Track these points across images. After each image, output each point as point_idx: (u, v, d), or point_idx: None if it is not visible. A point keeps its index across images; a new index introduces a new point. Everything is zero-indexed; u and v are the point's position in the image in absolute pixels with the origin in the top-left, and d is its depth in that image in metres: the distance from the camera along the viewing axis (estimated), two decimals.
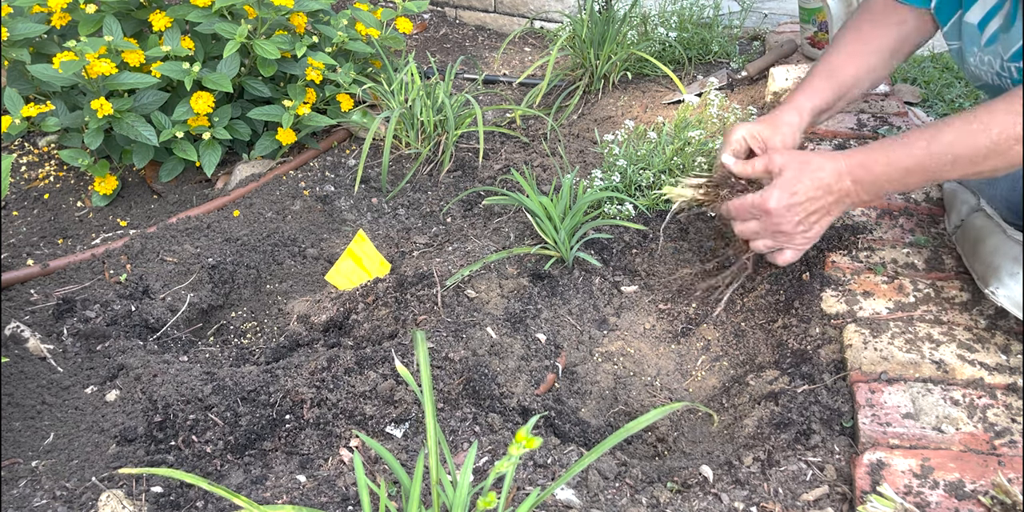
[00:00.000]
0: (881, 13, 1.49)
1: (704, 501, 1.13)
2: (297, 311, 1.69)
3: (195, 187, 2.09)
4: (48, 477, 1.20)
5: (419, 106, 2.00)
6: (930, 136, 1.19)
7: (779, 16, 2.87)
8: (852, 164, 1.25)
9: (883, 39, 1.48)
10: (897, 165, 1.22)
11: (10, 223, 1.99)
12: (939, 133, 1.18)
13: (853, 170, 1.25)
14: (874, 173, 1.24)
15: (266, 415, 1.30)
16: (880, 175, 1.23)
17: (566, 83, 2.41)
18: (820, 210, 1.29)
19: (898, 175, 1.22)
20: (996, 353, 1.29)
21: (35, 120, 1.86)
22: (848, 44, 1.50)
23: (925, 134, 1.20)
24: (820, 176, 1.26)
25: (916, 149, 1.20)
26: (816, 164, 1.27)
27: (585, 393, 1.47)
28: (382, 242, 1.86)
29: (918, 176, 1.21)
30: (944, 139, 1.18)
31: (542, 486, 1.13)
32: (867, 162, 1.24)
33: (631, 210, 1.72)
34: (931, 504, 1.06)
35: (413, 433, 1.27)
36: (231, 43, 1.86)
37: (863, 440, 1.18)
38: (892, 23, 1.47)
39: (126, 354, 1.47)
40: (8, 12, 1.84)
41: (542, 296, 1.58)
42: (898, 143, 1.23)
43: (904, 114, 2.01)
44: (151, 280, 1.68)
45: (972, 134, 1.15)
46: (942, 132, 1.18)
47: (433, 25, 3.10)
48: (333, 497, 1.12)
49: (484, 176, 2.02)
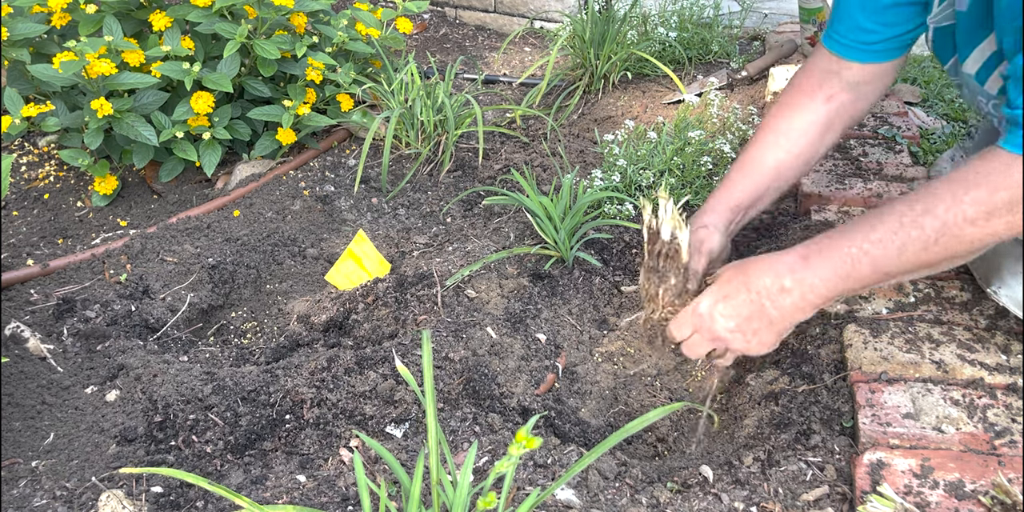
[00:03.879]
0: (806, 85, 1.35)
1: (704, 501, 1.13)
2: (297, 311, 1.69)
3: (195, 187, 2.09)
4: (48, 477, 1.20)
5: (419, 106, 2.00)
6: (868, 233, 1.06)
7: (779, 16, 2.87)
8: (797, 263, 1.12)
9: (807, 117, 1.34)
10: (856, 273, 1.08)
11: (10, 223, 1.99)
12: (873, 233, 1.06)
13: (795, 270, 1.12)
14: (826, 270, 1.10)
15: (266, 415, 1.30)
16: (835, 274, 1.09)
17: (566, 83, 2.41)
18: (759, 317, 1.16)
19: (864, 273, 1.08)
20: (996, 353, 1.29)
21: (35, 120, 1.85)
22: (765, 130, 1.37)
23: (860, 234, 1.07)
24: (758, 281, 1.14)
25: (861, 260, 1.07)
26: (754, 268, 1.16)
27: (585, 393, 1.47)
28: (382, 242, 1.86)
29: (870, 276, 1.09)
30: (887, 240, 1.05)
31: (542, 486, 1.13)
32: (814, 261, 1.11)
33: (631, 210, 1.72)
34: (931, 504, 1.06)
35: (413, 433, 1.27)
36: (231, 43, 1.86)
37: (863, 440, 1.18)
38: (819, 98, 1.34)
39: (126, 354, 1.47)
40: (8, 12, 1.84)
41: (542, 296, 1.58)
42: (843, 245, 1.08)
43: (904, 114, 2.01)
44: (151, 280, 1.68)
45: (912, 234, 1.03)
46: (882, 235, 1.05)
47: (433, 25, 3.10)
48: (333, 497, 1.12)
49: (484, 176, 2.02)
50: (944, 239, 1.02)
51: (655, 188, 1.78)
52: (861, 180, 1.73)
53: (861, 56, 1.30)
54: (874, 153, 1.84)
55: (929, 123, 2.01)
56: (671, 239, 1.30)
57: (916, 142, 1.90)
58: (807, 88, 1.36)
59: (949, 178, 1.03)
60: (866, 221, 1.08)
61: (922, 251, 1.03)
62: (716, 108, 1.94)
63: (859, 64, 1.31)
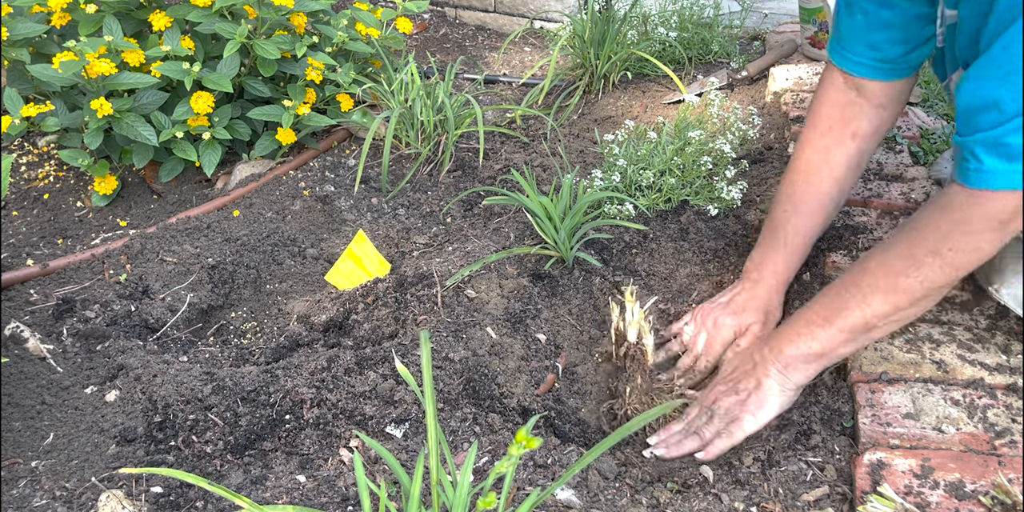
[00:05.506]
0: (827, 128, 1.38)
1: (704, 501, 1.13)
2: (297, 311, 1.69)
3: (195, 187, 2.08)
4: (48, 477, 1.20)
5: (419, 106, 2.00)
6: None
7: (779, 16, 2.87)
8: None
9: (834, 164, 1.39)
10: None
11: (10, 223, 1.99)
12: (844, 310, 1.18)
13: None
14: None
15: (266, 415, 1.29)
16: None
17: (566, 83, 2.41)
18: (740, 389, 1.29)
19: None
20: (996, 353, 1.29)
21: (35, 120, 1.85)
22: (793, 188, 1.42)
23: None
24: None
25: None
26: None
27: (585, 393, 1.47)
28: (382, 242, 1.85)
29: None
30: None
31: (542, 486, 1.13)
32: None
33: (631, 210, 1.72)
34: (931, 504, 1.06)
35: (413, 433, 1.27)
36: (231, 43, 1.86)
37: (863, 440, 1.18)
38: (844, 136, 1.37)
39: (126, 354, 1.47)
40: (8, 12, 1.84)
41: (542, 296, 1.58)
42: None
43: (904, 114, 2.01)
44: (151, 280, 1.68)
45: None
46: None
47: (433, 25, 3.10)
48: (333, 497, 1.11)
49: (484, 176, 2.01)
50: (879, 292, 1.14)
51: (655, 188, 1.78)
52: (861, 180, 1.73)
53: (877, 74, 1.32)
54: (874, 153, 1.84)
55: (929, 123, 2.00)
56: (636, 341, 1.35)
57: (916, 142, 1.90)
58: (833, 125, 1.38)
59: (893, 230, 1.16)
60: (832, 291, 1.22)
61: (864, 304, 1.16)
62: (716, 108, 1.93)
63: (879, 82, 1.33)
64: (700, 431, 1.29)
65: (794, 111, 2.01)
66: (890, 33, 1.26)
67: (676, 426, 1.33)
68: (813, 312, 1.22)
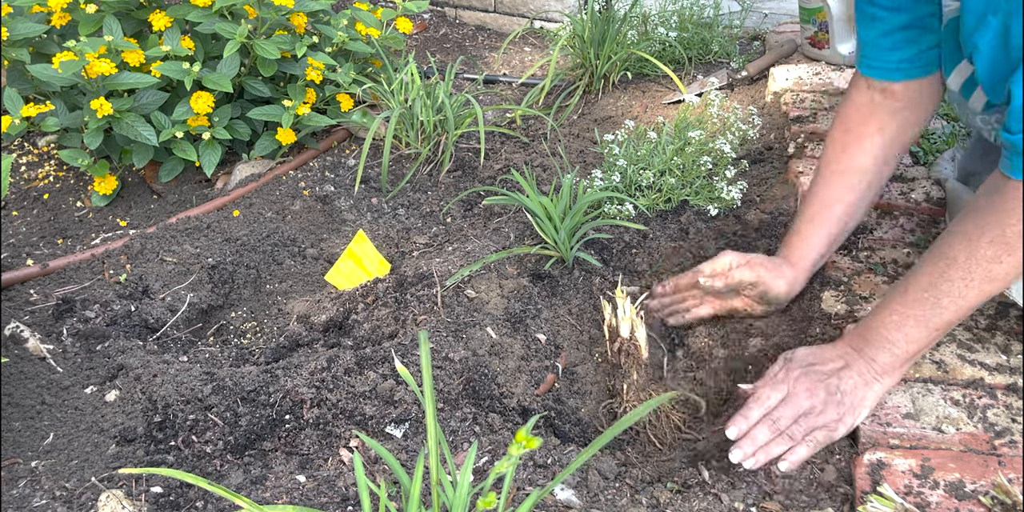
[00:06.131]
0: (855, 124, 1.40)
1: (704, 501, 1.13)
2: (297, 311, 1.69)
3: (195, 187, 2.08)
4: (48, 477, 1.20)
5: (419, 106, 2.00)
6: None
7: (779, 16, 2.87)
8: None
9: (864, 155, 1.40)
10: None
11: (10, 223, 1.99)
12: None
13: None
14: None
15: (266, 415, 1.29)
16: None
17: (566, 83, 2.41)
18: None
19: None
20: (996, 353, 1.29)
21: (35, 120, 1.85)
22: (828, 173, 1.43)
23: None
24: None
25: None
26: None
27: (585, 393, 1.47)
28: (382, 242, 1.85)
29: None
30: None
31: (542, 486, 1.13)
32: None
33: (631, 210, 1.72)
34: (931, 504, 1.06)
35: (413, 433, 1.27)
36: (231, 43, 1.86)
37: (863, 440, 1.18)
38: (872, 131, 1.39)
39: (126, 354, 1.47)
40: (8, 12, 1.84)
41: (542, 296, 1.58)
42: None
43: None
44: (151, 280, 1.68)
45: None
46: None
47: (433, 25, 3.10)
48: (333, 497, 1.12)
49: (484, 176, 2.01)
50: (975, 283, 1.10)
51: (655, 188, 1.78)
52: None
53: (897, 75, 1.34)
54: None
55: (929, 123, 2.00)
56: (630, 337, 1.36)
57: (916, 142, 1.89)
58: (853, 120, 1.40)
59: (962, 221, 1.11)
60: (897, 289, 1.18)
61: (960, 299, 1.12)
62: (716, 108, 1.93)
63: (900, 83, 1.34)
64: (790, 432, 1.18)
65: (794, 111, 2.00)
66: (906, 33, 1.29)
67: (754, 410, 1.21)
68: (901, 314, 1.17)
